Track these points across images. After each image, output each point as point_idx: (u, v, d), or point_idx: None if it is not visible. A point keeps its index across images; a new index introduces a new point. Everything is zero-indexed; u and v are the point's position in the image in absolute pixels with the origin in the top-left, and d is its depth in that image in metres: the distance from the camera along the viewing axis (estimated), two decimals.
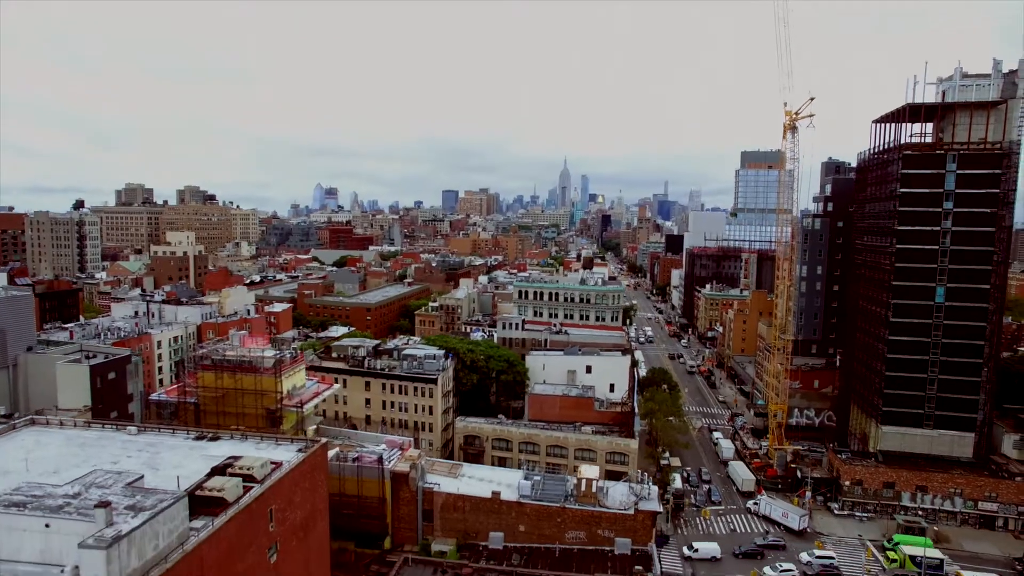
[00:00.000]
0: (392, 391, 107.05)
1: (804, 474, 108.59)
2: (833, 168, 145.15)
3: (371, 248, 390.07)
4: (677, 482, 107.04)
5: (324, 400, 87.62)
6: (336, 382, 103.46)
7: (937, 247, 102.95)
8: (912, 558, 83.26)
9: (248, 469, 47.56)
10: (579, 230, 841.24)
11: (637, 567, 62.77)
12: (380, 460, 72.35)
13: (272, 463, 50.32)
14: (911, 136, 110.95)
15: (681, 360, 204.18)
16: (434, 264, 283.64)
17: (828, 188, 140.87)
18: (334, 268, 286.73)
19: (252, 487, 46.17)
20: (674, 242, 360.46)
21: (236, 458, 49.71)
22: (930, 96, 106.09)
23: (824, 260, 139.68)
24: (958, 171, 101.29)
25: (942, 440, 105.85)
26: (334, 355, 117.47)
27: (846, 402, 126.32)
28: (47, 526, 36.83)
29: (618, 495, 72.63)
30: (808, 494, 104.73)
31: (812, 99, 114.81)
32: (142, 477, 43.60)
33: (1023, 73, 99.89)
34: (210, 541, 39.73)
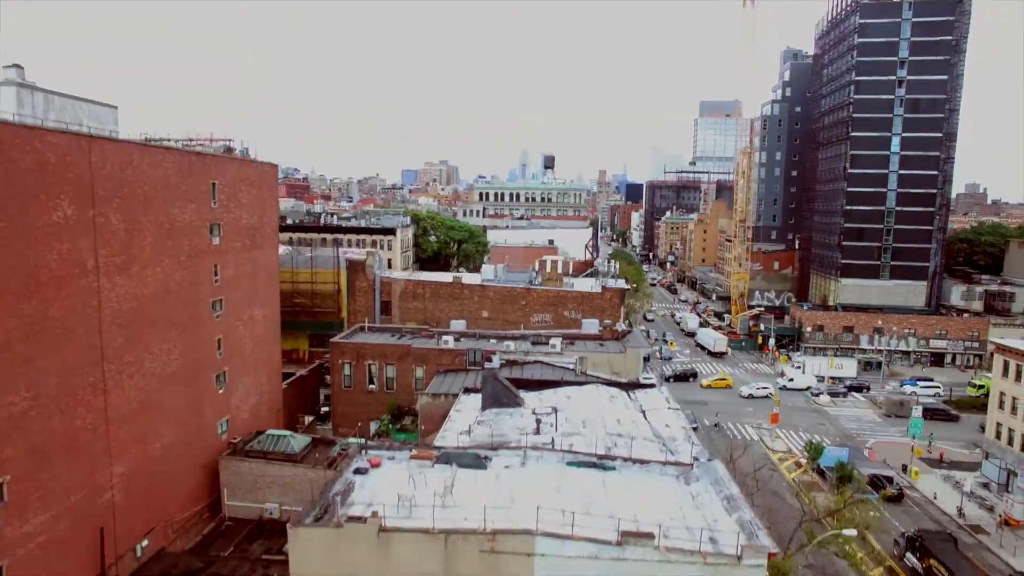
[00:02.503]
0: (349, 246, 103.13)
1: (767, 326, 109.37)
2: (791, 55, 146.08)
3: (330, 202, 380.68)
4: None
5: None
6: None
7: (893, 96, 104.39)
8: None
9: (189, 147, 44.06)
10: None
11: (607, 320, 61.24)
12: (336, 243, 69.02)
13: None
14: None
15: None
16: (393, 205, 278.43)
17: (787, 74, 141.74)
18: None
19: None
20: (634, 191, 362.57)
21: None
22: None
23: (783, 146, 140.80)
24: (913, 19, 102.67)
25: (897, 291, 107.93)
26: (288, 221, 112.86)
27: (805, 277, 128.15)
28: None
29: (585, 285, 71.03)
30: (772, 342, 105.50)
31: None
32: None
33: None
34: (143, 153, 36.14)
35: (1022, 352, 54.95)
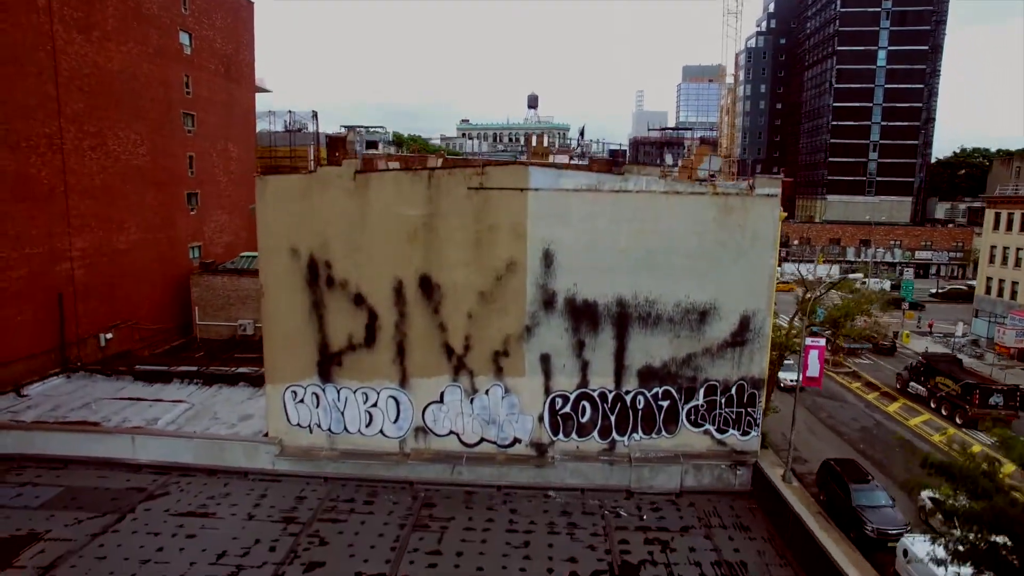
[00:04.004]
0: None
1: None
2: None
3: None
4: None
5: None
6: None
7: (879, 9, 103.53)
8: None
9: None
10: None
11: None
12: (315, 115, 66.48)
13: None
14: None
15: None
16: None
17: (771, 6, 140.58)
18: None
19: None
20: (617, 155, 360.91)
21: None
22: None
23: (768, 78, 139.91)
24: None
25: (882, 207, 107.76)
26: (267, 143, 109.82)
27: (790, 206, 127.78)
28: None
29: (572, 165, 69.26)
30: None
31: None
32: None
33: None
34: None
35: (1012, 199, 54.37)
